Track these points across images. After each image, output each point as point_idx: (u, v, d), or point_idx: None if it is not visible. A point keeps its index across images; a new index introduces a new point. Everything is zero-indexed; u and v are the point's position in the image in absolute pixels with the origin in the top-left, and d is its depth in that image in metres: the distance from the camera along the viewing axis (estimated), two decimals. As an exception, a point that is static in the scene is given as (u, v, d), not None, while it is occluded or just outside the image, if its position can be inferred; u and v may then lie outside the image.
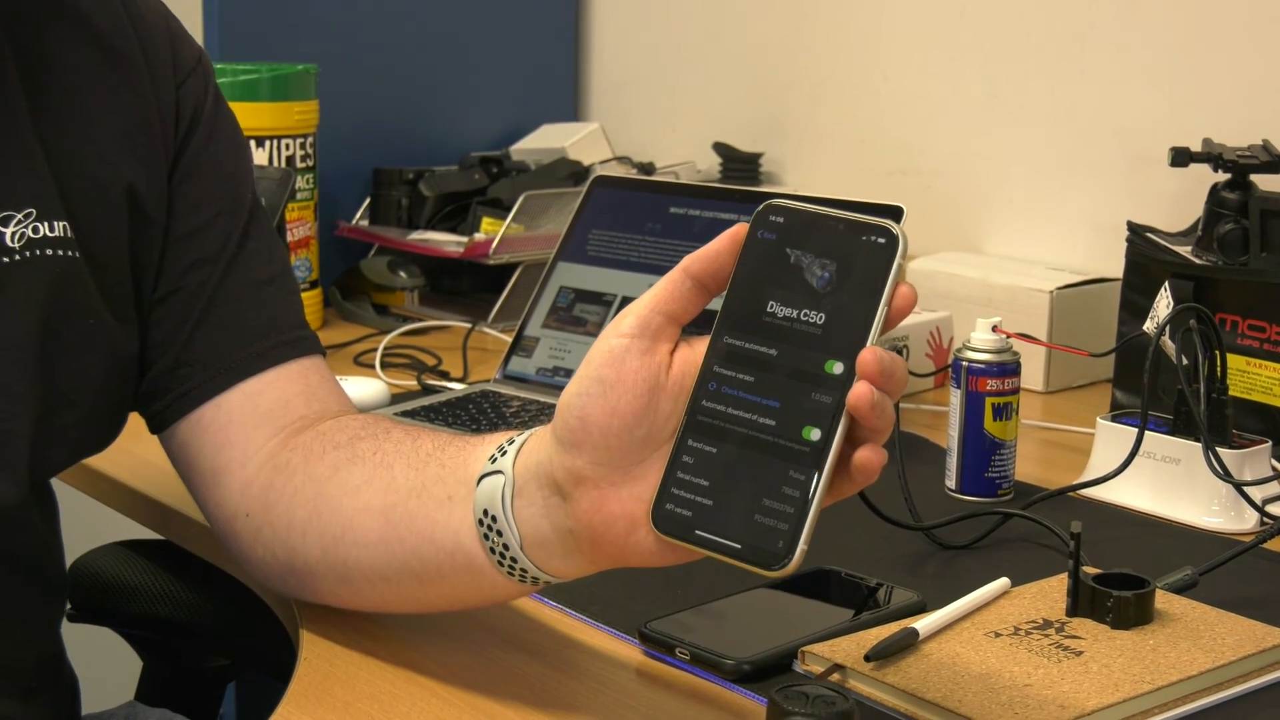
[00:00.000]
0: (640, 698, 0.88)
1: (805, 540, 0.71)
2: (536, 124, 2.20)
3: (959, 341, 1.28)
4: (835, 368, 0.72)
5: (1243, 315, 1.36)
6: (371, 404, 1.43)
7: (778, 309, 0.74)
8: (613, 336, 0.77)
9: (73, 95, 0.95)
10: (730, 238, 0.76)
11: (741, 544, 0.72)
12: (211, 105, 1.02)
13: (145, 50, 0.98)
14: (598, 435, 0.76)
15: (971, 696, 0.83)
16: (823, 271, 0.73)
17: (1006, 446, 1.24)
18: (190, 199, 0.99)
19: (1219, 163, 1.42)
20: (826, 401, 0.72)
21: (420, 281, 1.90)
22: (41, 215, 0.92)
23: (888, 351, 0.71)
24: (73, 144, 0.94)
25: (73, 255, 0.93)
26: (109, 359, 0.96)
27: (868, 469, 0.72)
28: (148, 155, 0.97)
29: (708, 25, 2.18)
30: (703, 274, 0.76)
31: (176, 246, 0.98)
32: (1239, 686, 0.89)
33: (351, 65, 2.02)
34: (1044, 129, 1.79)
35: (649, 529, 0.75)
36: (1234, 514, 1.18)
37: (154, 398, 0.99)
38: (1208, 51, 1.64)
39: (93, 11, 0.97)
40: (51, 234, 0.92)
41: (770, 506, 0.72)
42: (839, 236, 0.73)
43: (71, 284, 0.93)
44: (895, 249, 0.72)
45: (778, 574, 0.71)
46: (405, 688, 0.88)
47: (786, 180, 2.08)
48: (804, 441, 0.72)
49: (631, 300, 1.45)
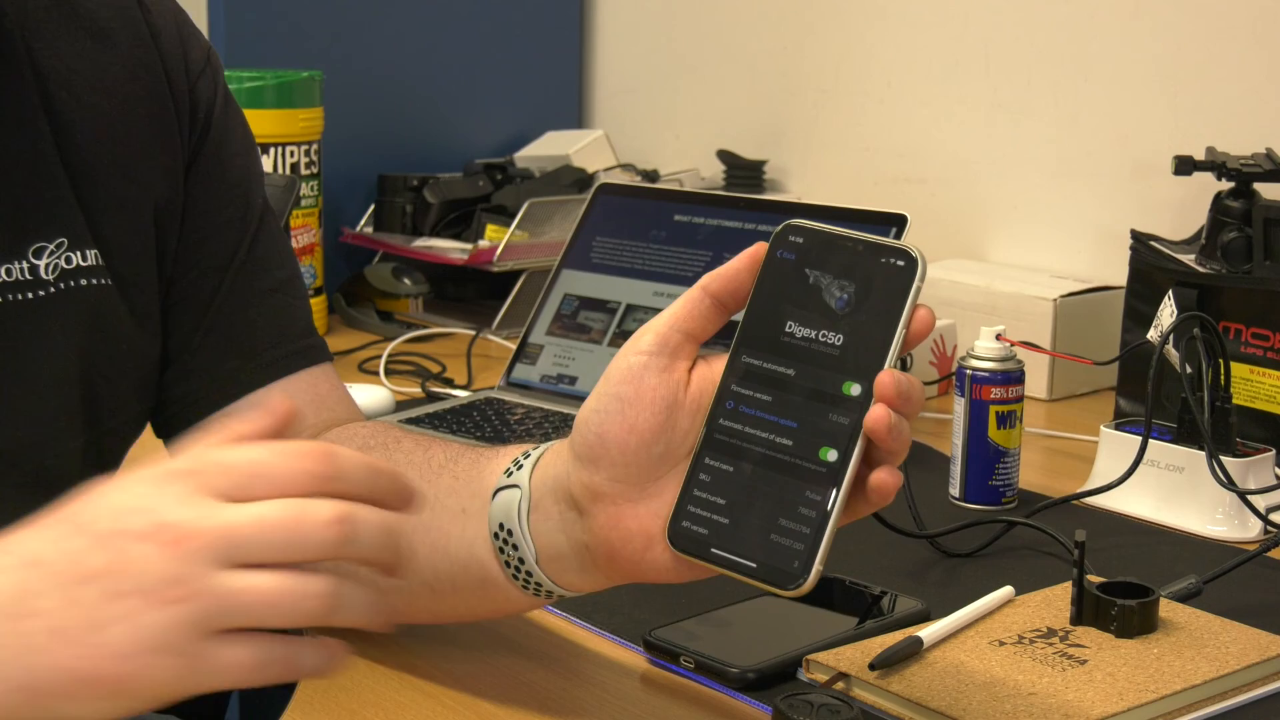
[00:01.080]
0: (645, 706, 0.88)
1: (820, 561, 0.71)
2: (541, 131, 2.20)
3: (963, 349, 1.29)
4: (853, 389, 0.72)
5: (1246, 324, 1.36)
6: (376, 411, 1.43)
7: (796, 329, 0.74)
8: (631, 354, 0.77)
9: (95, 113, 0.93)
10: (749, 257, 0.76)
11: (757, 563, 0.73)
12: (221, 105, 1.01)
13: (163, 57, 0.97)
14: (615, 452, 0.76)
15: (976, 705, 0.83)
16: (841, 293, 0.73)
17: (1010, 454, 1.24)
18: (201, 204, 0.98)
19: (1222, 171, 1.42)
20: (844, 423, 0.72)
21: (424, 288, 1.90)
22: (73, 245, 0.91)
23: (905, 374, 0.72)
24: (98, 166, 0.93)
25: (105, 283, 0.92)
26: (141, 378, 0.97)
27: (884, 491, 0.72)
28: (169, 164, 0.97)
29: (712, 32, 2.18)
30: (721, 292, 0.76)
31: (187, 252, 0.98)
32: (1243, 695, 0.89)
33: (356, 72, 2.02)
34: (1048, 137, 1.80)
35: (665, 546, 0.75)
36: (1238, 522, 1.18)
37: (162, 404, 0.99)
38: (1211, 60, 1.64)
39: (112, 21, 0.95)
40: (85, 263, 0.91)
41: (786, 526, 0.72)
42: (858, 258, 0.73)
43: (106, 313, 0.93)
44: (914, 272, 0.72)
45: (793, 594, 0.72)
46: (410, 695, 0.88)
47: (790, 188, 2.08)
48: (821, 462, 0.72)
49: (635, 307, 1.46)
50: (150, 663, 0.61)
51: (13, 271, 0.89)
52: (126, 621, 0.61)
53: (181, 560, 0.62)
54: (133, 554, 0.62)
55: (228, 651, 0.62)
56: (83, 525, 0.64)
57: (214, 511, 0.63)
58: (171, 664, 0.62)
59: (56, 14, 0.93)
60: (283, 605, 0.63)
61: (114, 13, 0.96)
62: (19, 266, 0.89)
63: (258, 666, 0.63)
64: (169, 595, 0.61)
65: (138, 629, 0.61)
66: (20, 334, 0.89)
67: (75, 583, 0.62)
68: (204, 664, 0.62)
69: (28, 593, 0.63)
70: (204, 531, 0.62)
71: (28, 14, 0.92)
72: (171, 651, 0.61)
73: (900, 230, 1.31)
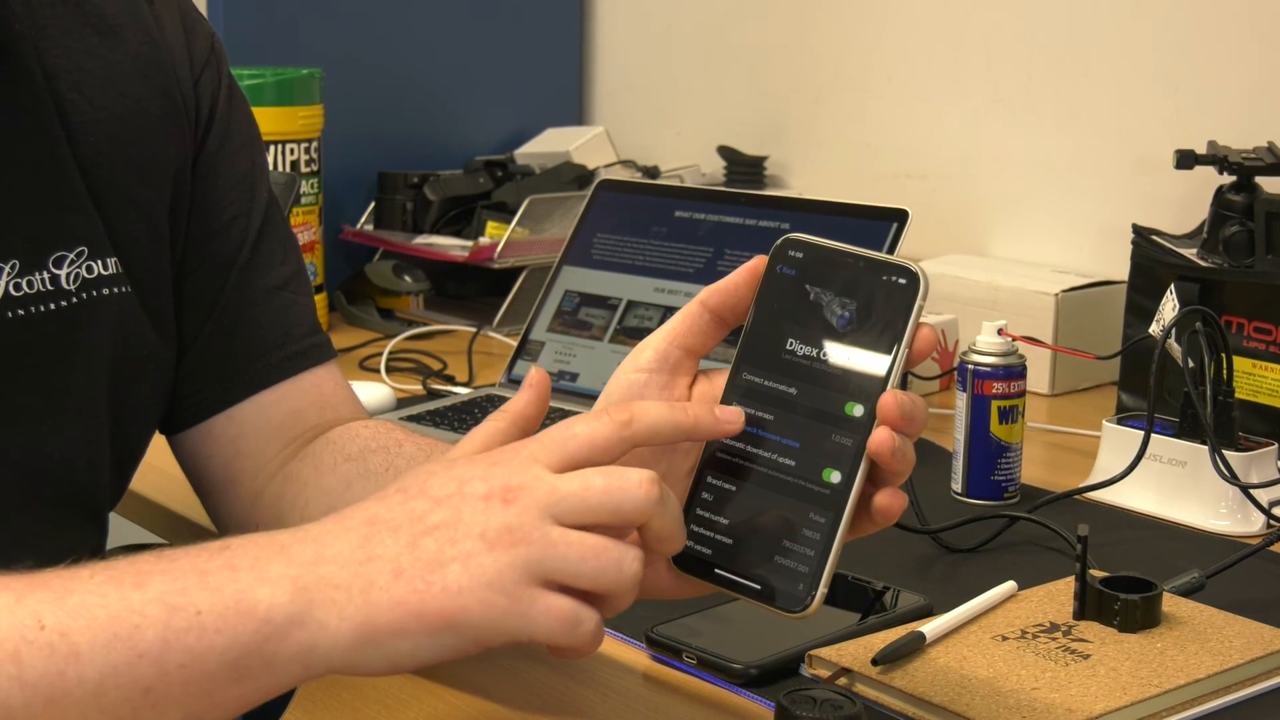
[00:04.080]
0: (647, 702, 0.88)
1: (825, 583, 0.71)
2: (541, 128, 2.20)
3: (964, 344, 1.28)
4: (855, 410, 0.71)
5: (1249, 318, 1.35)
6: (377, 409, 1.43)
7: (797, 347, 0.73)
8: (631, 370, 0.76)
9: (108, 115, 0.91)
10: (749, 271, 0.75)
11: (761, 585, 0.72)
12: (226, 96, 0.99)
13: (171, 51, 0.95)
14: None
15: (979, 700, 0.83)
16: (843, 311, 0.73)
17: (1012, 449, 1.24)
18: (207, 200, 0.97)
19: (1224, 165, 1.42)
20: (847, 444, 0.71)
21: (425, 286, 1.90)
22: (93, 253, 0.89)
23: (908, 395, 0.71)
24: (113, 170, 0.91)
25: (126, 291, 0.91)
26: (159, 382, 0.96)
27: (888, 513, 0.72)
28: (179, 162, 0.95)
29: (712, 29, 2.18)
30: (720, 307, 0.76)
31: (193, 250, 0.97)
32: (1247, 690, 0.88)
33: (356, 70, 2.02)
34: (1049, 131, 1.79)
35: (668, 565, 0.75)
36: (1240, 516, 1.18)
37: (168, 402, 0.99)
38: (1213, 54, 1.64)
39: (119, 16, 0.93)
40: (106, 272, 0.90)
41: (790, 548, 0.72)
42: (859, 275, 0.73)
43: (128, 321, 0.91)
44: (917, 290, 0.71)
45: (797, 616, 0.71)
46: (412, 692, 0.88)
47: (791, 183, 2.07)
48: (824, 484, 0.72)
49: (636, 304, 1.46)
50: (480, 599, 0.66)
51: (34, 283, 0.86)
52: (463, 561, 0.67)
53: (518, 512, 0.67)
54: (473, 509, 0.68)
55: (550, 600, 0.67)
56: (426, 490, 0.69)
57: (546, 475, 0.68)
58: (498, 603, 0.66)
59: (63, 10, 0.91)
60: (604, 561, 0.67)
61: (120, 7, 0.94)
62: (40, 277, 0.86)
63: (571, 621, 0.67)
64: (504, 540, 0.67)
65: (471, 568, 0.66)
66: (46, 348, 0.87)
67: (419, 534, 0.68)
68: (528, 607, 0.67)
69: (373, 541, 0.68)
70: (537, 489, 0.68)
71: (35, 12, 0.89)
72: (501, 591, 0.66)
73: (902, 225, 1.31)
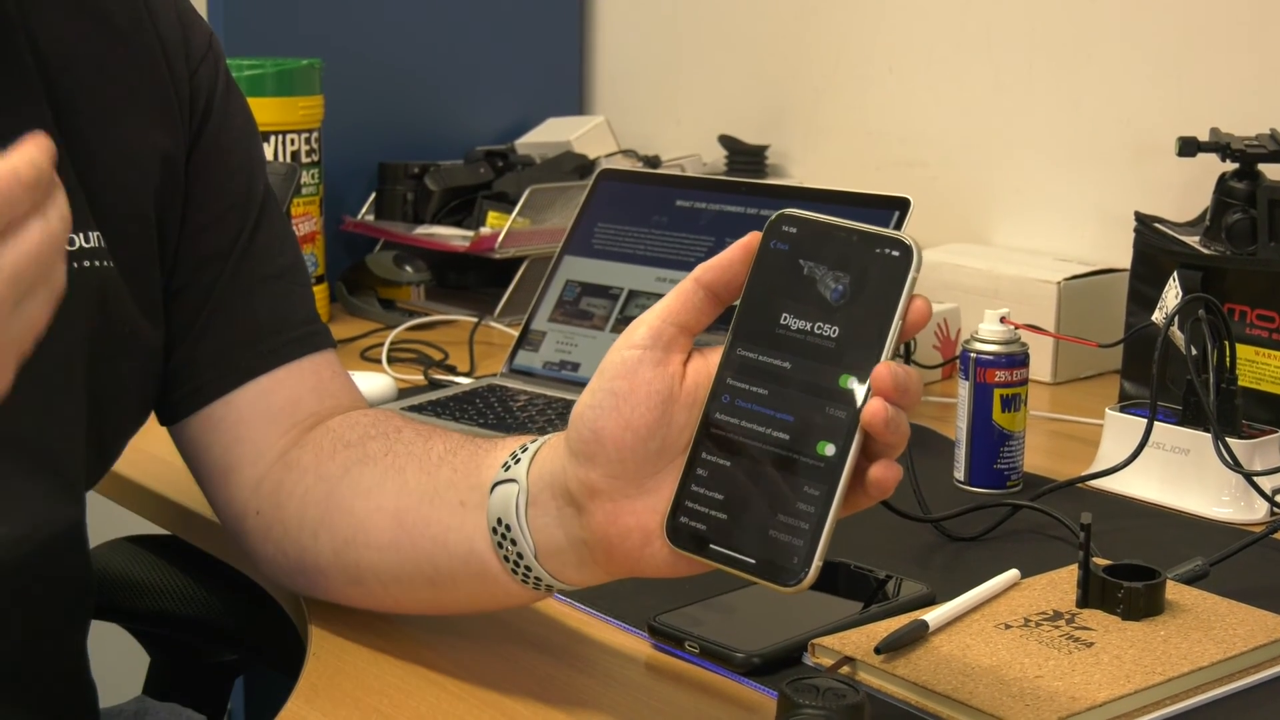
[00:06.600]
0: (650, 691, 0.88)
1: (820, 557, 0.71)
2: (542, 118, 2.20)
3: (967, 333, 1.28)
4: (849, 382, 0.71)
5: (1251, 305, 1.35)
6: (378, 399, 1.43)
7: (791, 321, 0.73)
8: (625, 348, 0.76)
9: (96, 96, 0.93)
10: (742, 247, 0.75)
11: (756, 559, 0.72)
12: (223, 91, 1.00)
13: (163, 42, 0.96)
14: (611, 448, 0.75)
15: (982, 688, 0.83)
16: (836, 284, 0.72)
17: (1015, 438, 1.23)
18: (203, 192, 0.98)
19: (1227, 152, 1.41)
20: (841, 417, 0.71)
21: (426, 276, 1.90)
22: (76, 226, 0.89)
23: (902, 366, 0.71)
24: (99, 149, 0.92)
25: (108, 265, 0.92)
26: (144, 364, 0.96)
27: (883, 485, 0.72)
28: (170, 152, 0.96)
29: (712, 17, 2.17)
30: (715, 284, 0.75)
31: (189, 241, 0.97)
32: (1250, 677, 0.88)
33: (356, 60, 2.01)
34: (1051, 119, 1.79)
35: (663, 542, 0.75)
36: (1244, 504, 1.17)
37: (165, 391, 0.99)
38: (1215, 40, 1.64)
39: (113, 5, 0.94)
40: (88, 245, 0.91)
41: (785, 522, 0.72)
42: (853, 248, 0.73)
43: (109, 296, 0.92)
44: (910, 262, 0.71)
45: (792, 590, 0.71)
46: (414, 682, 0.88)
47: (792, 172, 2.07)
48: (819, 457, 0.72)
49: (638, 293, 1.46)
50: None
51: None
52: None
53: None
54: None
55: None
56: None
57: None
58: None
59: None
60: None
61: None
62: None
63: None
64: None
65: None
66: None
67: None
68: None
69: None
70: None
71: None
72: None
73: (903, 214, 1.31)
